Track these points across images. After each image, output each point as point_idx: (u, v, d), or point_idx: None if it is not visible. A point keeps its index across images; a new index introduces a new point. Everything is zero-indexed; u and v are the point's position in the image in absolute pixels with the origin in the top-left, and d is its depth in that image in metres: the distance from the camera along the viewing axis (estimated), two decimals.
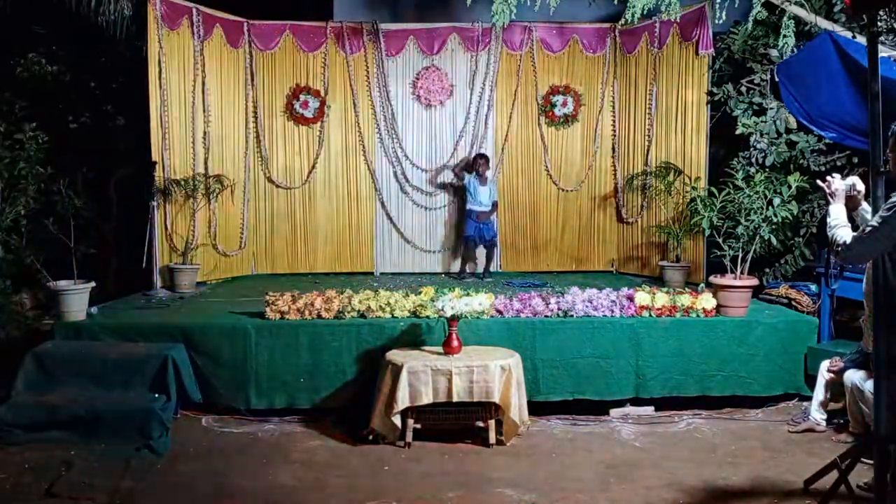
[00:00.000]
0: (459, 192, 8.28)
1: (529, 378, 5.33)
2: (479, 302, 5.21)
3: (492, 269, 7.99)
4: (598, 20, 8.19)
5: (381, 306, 5.61)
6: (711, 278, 6.07)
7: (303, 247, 8.28)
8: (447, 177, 8.36)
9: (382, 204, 8.34)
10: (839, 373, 4.92)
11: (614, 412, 5.55)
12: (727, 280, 5.85)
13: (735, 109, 6.91)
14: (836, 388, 5.02)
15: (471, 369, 4.80)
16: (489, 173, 7.93)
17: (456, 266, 8.31)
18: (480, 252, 8.05)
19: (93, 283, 5.73)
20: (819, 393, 5.09)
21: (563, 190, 8.42)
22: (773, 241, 5.96)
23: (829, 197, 3.45)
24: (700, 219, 6.44)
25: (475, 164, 7.89)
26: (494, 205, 7.90)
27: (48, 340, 5.46)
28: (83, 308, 5.63)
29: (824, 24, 6.13)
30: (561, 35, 8.25)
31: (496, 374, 4.81)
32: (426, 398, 4.77)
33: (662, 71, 7.72)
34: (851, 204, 3.49)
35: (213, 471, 4.41)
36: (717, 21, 6.71)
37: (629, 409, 5.58)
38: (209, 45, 7.59)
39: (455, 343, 4.97)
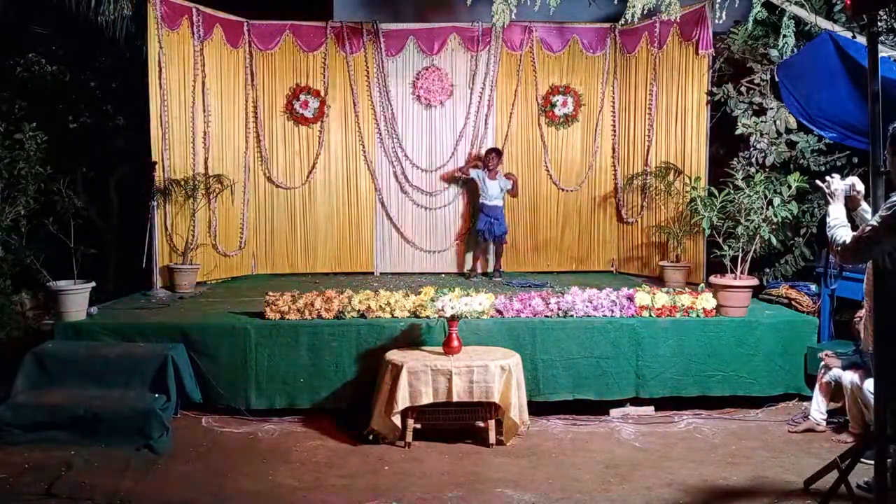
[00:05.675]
0: (460, 192, 8.31)
1: (529, 378, 5.33)
2: (479, 302, 5.20)
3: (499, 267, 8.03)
4: (598, 20, 8.19)
5: (381, 306, 5.61)
6: (711, 278, 6.07)
7: (303, 247, 8.28)
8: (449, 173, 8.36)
9: (382, 204, 8.34)
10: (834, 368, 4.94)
11: (614, 412, 5.55)
12: (727, 280, 5.85)
13: (735, 109, 6.90)
14: (835, 388, 5.03)
15: (471, 369, 4.80)
16: (500, 168, 7.97)
17: (454, 265, 8.32)
18: (490, 250, 8.07)
19: (93, 283, 5.73)
20: (818, 395, 5.09)
21: (563, 190, 8.41)
22: (773, 241, 5.95)
23: (828, 197, 3.45)
24: (700, 219, 6.44)
25: (486, 159, 7.91)
26: (506, 195, 7.95)
27: (48, 340, 5.46)
28: (83, 308, 5.64)
29: (824, 24, 6.13)
30: (561, 35, 8.25)
31: (496, 374, 4.81)
32: (426, 398, 4.77)
33: (662, 71, 7.71)
34: (851, 204, 3.49)
35: (213, 471, 4.41)
36: (717, 21, 6.71)
37: (629, 409, 5.58)
38: (209, 45, 7.59)
39: (455, 343, 4.97)
